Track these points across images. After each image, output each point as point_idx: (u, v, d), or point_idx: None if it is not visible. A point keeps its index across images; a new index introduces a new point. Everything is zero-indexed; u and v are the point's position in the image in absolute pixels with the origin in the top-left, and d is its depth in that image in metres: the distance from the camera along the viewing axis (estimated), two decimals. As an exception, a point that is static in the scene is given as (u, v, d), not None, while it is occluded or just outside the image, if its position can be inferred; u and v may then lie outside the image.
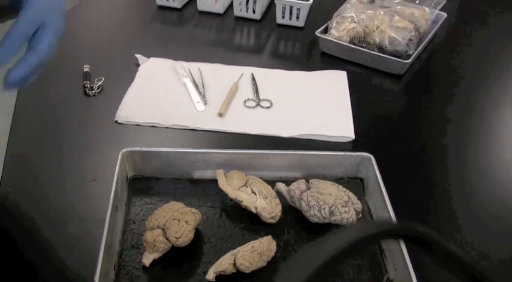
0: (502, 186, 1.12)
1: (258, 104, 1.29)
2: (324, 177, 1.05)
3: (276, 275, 0.89)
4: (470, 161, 1.18)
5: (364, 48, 1.44)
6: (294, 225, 0.97)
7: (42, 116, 1.24)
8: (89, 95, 1.29)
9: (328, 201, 0.93)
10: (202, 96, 1.29)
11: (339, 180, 1.06)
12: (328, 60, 1.48)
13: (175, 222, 0.89)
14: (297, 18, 1.63)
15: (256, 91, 1.32)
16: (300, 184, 0.99)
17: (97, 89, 1.30)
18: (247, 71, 1.40)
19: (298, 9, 1.61)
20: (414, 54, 1.44)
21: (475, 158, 1.20)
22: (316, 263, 0.38)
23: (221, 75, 1.37)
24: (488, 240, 0.99)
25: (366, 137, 1.21)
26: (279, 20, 1.64)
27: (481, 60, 1.56)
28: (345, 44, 1.45)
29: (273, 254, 0.90)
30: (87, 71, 1.35)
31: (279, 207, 0.96)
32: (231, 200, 0.98)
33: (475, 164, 1.18)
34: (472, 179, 1.14)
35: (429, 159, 1.17)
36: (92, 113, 1.25)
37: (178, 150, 1.03)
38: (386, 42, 1.43)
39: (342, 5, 1.56)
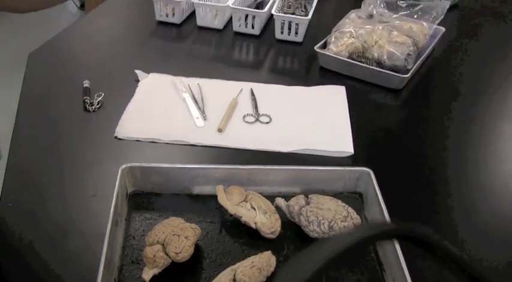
0: (503, 198, 1.13)
1: (257, 119, 1.29)
2: (323, 192, 1.05)
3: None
4: (470, 175, 1.19)
5: (363, 63, 1.45)
6: (294, 240, 0.97)
7: (42, 131, 1.24)
8: (88, 111, 1.30)
9: (327, 216, 0.94)
10: (202, 111, 1.30)
11: (338, 195, 1.07)
12: (327, 75, 1.49)
13: (175, 237, 0.89)
14: (296, 33, 1.63)
15: (256, 106, 1.33)
16: (299, 199, 0.99)
17: (97, 105, 1.31)
18: (246, 86, 1.40)
19: (297, 25, 1.62)
20: (413, 69, 1.44)
21: (475, 171, 1.20)
22: (322, 257, 0.39)
23: (220, 91, 1.38)
24: (489, 252, 0.99)
25: (365, 151, 1.22)
26: (278, 35, 1.65)
27: (480, 73, 1.56)
28: (343, 59, 1.45)
29: (272, 269, 0.90)
30: (87, 87, 1.36)
31: (279, 223, 0.97)
32: (231, 215, 0.98)
33: (475, 177, 1.18)
34: (473, 192, 1.14)
35: (428, 174, 1.18)
36: (91, 128, 1.25)
37: (178, 166, 1.03)
38: (385, 57, 1.43)
39: (340, 20, 1.57)
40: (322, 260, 0.39)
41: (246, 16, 1.66)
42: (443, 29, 1.64)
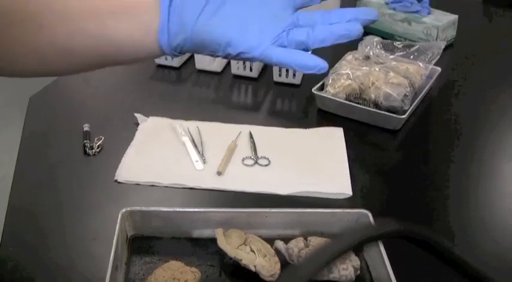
0: (505, 235, 1.13)
1: (256, 162, 1.30)
2: (322, 234, 1.05)
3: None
4: (471, 214, 1.19)
5: (360, 104, 1.46)
6: (293, 283, 0.97)
7: (42, 175, 1.25)
8: (88, 154, 1.31)
9: (326, 258, 0.94)
10: (201, 155, 1.31)
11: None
12: (325, 116, 1.50)
13: (174, 281, 0.90)
14: (294, 75, 1.65)
15: (254, 149, 1.34)
16: (299, 242, 0.99)
17: (97, 148, 1.32)
18: (245, 129, 1.42)
19: (295, 67, 1.63)
20: (410, 110, 1.45)
21: (476, 209, 1.20)
22: (327, 254, 0.40)
23: (219, 134, 1.39)
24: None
25: (363, 193, 1.22)
26: (276, 77, 1.67)
27: (477, 112, 1.58)
28: (341, 100, 1.47)
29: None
30: (87, 130, 1.37)
31: (278, 265, 0.97)
32: (231, 258, 0.99)
33: (477, 216, 1.18)
34: (474, 230, 1.14)
35: (428, 215, 1.18)
36: (91, 172, 1.26)
37: (177, 210, 1.04)
38: (382, 98, 1.45)
39: (337, 62, 1.58)
40: (329, 255, 0.40)
41: (245, 59, 1.68)
42: (439, 69, 1.65)
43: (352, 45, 1.68)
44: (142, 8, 0.73)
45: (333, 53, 1.59)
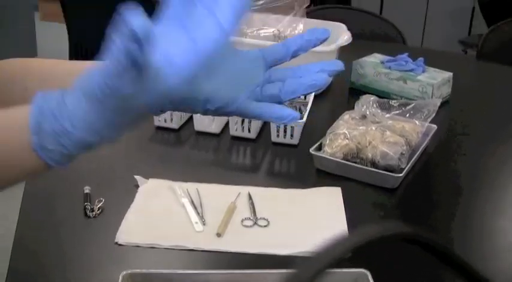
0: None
1: (255, 223, 1.31)
2: (322, 295, 1.06)
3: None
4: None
5: (358, 163, 1.48)
6: None
7: (43, 237, 1.26)
8: (89, 217, 1.32)
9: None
10: (201, 216, 1.32)
11: (336, 297, 1.07)
12: (323, 176, 1.51)
13: None
14: (291, 136, 1.67)
15: (253, 210, 1.35)
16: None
17: (97, 211, 1.33)
18: (244, 190, 1.43)
19: (292, 128, 1.65)
20: (406, 168, 1.47)
21: (480, 265, 1.20)
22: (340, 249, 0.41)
23: (219, 195, 1.41)
24: None
25: (361, 252, 1.22)
26: (274, 138, 1.69)
27: (473, 168, 1.59)
28: (338, 160, 1.49)
29: None
30: (87, 193, 1.38)
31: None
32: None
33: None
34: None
35: (428, 273, 1.18)
36: (92, 234, 1.27)
37: (178, 272, 1.04)
38: (379, 157, 1.46)
39: (334, 121, 1.60)
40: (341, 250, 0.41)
41: (243, 120, 1.70)
42: (435, 126, 1.67)
43: (348, 105, 1.72)
44: None
45: (330, 113, 1.61)
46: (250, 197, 1.39)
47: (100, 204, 1.35)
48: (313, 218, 1.34)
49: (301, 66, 0.79)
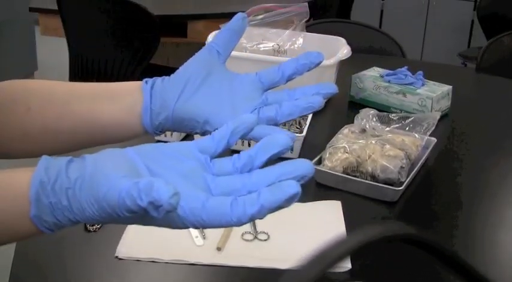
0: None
1: (255, 237, 1.31)
2: (323, 309, 1.06)
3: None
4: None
5: (358, 177, 1.48)
6: None
7: (43, 252, 1.26)
8: (89, 231, 1.32)
9: None
10: (201, 230, 1.32)
11: (337, 311, 1.07)
12: (323, 189, 1.51)
13: None
14: (291, 150, 1.67)
15: (254, 224, 1.35)
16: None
17: (98, 224, 1.33)
18: (244, 203, 1.43)
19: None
20: (406, 181, 1.47)
21: None
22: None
23: (219, 209, 1.40)
24: None
25: (362, 265, 1.23)
26: (274, 152, 1.68)
27: (474, 181, 1.59)
28: (338, 174, 1.49)
29: None
30: (88, 207, 1.38)
31: None
32: None
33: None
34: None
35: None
36: (92, 248, 1.27)
37: (178, 286, 1.04)
38: (379, 170, 1.47)
39: (334, 135, 1.61)
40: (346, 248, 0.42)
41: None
42: (434, 139, 1.67)
43: (348, 118, 1.72)
44: (125, 92, 0.82)
45: (330, 127, 1.62)
46: (250, 211, 1.39)
47: (100, 219, 1.35)
48: (313, 232, 1.34)
49: (297, 89, 0.82)
